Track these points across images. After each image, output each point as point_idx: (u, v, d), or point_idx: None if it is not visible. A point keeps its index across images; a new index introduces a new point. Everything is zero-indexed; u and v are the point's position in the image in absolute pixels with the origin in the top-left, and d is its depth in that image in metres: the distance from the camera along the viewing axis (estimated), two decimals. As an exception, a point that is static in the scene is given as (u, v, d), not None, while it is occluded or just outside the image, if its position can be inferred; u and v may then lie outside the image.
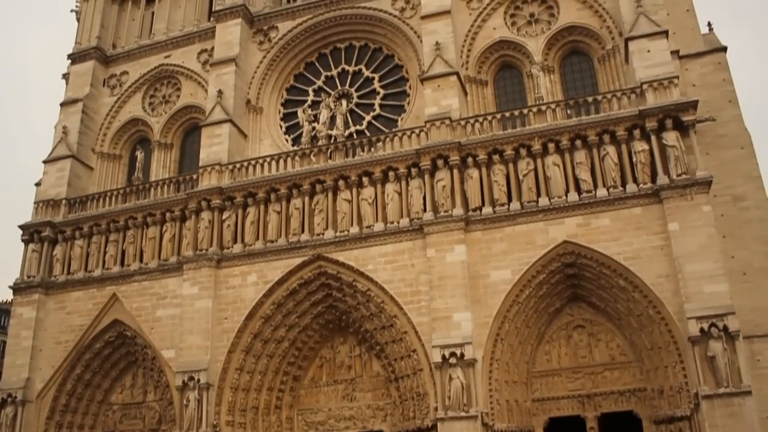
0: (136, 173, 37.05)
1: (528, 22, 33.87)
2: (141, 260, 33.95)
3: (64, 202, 36.47)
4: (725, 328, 24.38)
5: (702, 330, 24.52)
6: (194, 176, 34.22)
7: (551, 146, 28.94)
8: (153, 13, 42.27)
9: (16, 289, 35.08)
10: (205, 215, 32.73)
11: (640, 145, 27.86)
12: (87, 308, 33.85)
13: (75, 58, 41.22)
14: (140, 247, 34.24)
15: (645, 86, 28.35)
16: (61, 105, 39.99)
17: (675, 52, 30.83)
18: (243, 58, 37.28)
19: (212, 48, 38.12)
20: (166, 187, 34.97)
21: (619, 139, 28.30)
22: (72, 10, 44.32)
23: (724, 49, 32.56)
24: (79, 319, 33.77)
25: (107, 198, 36.04)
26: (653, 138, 27.64)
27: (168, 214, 34.01)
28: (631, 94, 28.90)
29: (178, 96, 39.41)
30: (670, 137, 27.29)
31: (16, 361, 33.67)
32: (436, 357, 27.03)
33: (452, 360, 26.76)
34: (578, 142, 28.70)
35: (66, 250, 35.63)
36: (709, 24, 34.08)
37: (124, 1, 43.15)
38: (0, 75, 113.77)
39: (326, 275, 30.61)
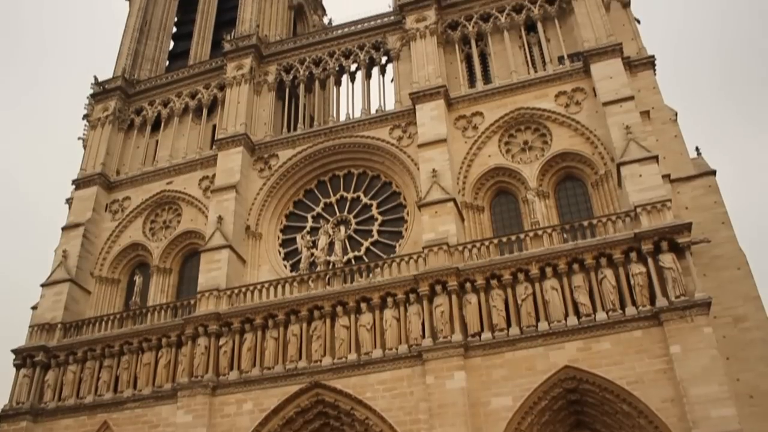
0: (133, 298, 36.93)
1: (522, 149, 34.70)
2: (135, 387, 33.26)
3: (59, 326, 36.11)
4: (736, 456, 23.61)
5: (712, 458, 23.74)
6: (192, 301, 34.13)
7: (549, 270, 29.04)
8: (157, 142, 43.60)
9: (4, 416, 34.05)
10: (202, 341, 32.35)
11: (637, 268, 27.96)
12: (76, 437, 32.76)
13: (79, 183, 42.12)
14: (134, 373, 33.65)
15: (639, 209, 28.80)
16: (63, 229, 40.46)
17: (666, 176, 31.52)
18: (243, 185, 38.05)
19: (213, 175, 38.99)
20: (163, 312, 34.80)
21: (616, 262, 28.46)
22: (79, 138, 45.70)
23: (714, 172, 33.31)
24: (66, 449, 32.65)
25: (103, 322, 35.74)
26: (650, 260, 27.78)
27: (164, 340, 33.61)
28: (625, 218, 29.31)
29: (179, 221, 39.85)
30: (667, 259, 27.45)
31: (-4, 495, 32.37)
32: (438, 490, 25.98)
33: (454, 493, 25.68)
34: (576, 266, 28.83)
35: (58, 376, 34.91)
36: (697, 149, 35.02)
37: (129, 129, 44.63)
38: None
39: (324, 403, 29.91)
